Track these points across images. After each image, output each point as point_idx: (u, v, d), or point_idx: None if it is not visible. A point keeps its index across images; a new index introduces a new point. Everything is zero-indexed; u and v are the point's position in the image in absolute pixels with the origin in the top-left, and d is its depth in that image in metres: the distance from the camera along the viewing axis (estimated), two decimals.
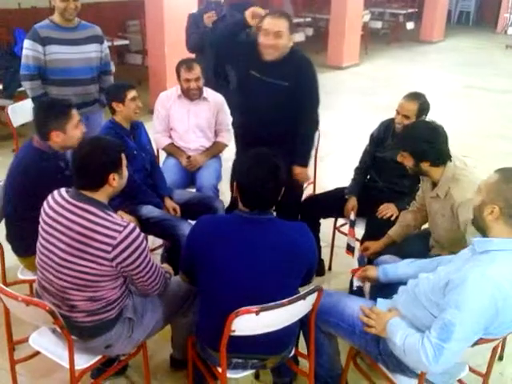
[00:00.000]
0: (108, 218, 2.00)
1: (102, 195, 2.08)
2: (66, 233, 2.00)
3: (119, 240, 1.97)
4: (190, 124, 3.72)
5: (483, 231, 1.93)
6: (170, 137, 3.79)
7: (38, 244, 2.12)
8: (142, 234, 2.07)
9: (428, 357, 1.85)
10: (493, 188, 1.87)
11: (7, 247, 2.75)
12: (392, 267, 2.45)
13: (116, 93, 3.07)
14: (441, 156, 2.54)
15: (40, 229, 2.11)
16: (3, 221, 2.73)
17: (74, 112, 2.63)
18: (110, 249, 1.96)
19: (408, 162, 2.60)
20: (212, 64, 4.45)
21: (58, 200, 2.08)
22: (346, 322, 2.22)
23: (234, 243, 2.04)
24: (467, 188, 2.42)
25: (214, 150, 3.80)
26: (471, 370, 2.35)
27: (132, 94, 3.06)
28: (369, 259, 2.89)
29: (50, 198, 2.12)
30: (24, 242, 2.60)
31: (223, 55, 3.35)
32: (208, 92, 3.76)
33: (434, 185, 2.63)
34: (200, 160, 3.69)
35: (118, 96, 3.04)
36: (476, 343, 1.88)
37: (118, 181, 2.10)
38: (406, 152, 2.58)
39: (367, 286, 2.65)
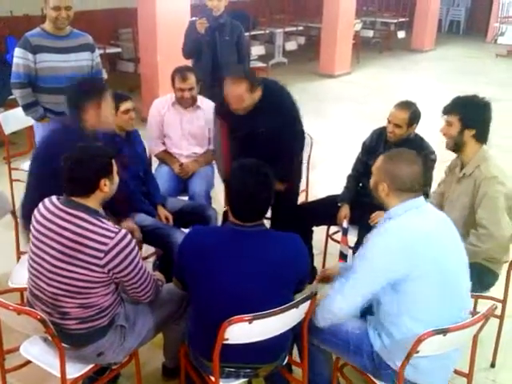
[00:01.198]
0: (99, 224, 2.00)
1: (93, 201, 2.07)
2: (58, 239, 1.99)
3: (111, 246, 1.97)
4: (183, 131, 3.73)
5: (385, 207, 2.18)
6: (164, 144, 3.79)
7: (28, 252, 2.11)
8: (134, 241, 2.06)
9: (331, 296, 2.10)
10: (380, 168, 2.16)
11: None
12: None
13: None
14: (485, 130, 2.65)
15: (31, 236, 2.10)
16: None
17: (109, 96, 2.72)
18: (101, 255, 1.96)
19: (453, 129, 2.66)
20: (208, 70, 4.49)
21: (48, 207, 2.07)
22: (340, 339, 2.22)
23: (225, 255, 2.03)
24: (495, 167, 2.62)
25: (207, 158, 3.80)
26: (457, 372, 2.36)
27: (125, 106, 3.05)
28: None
29: (40, 205, 2.11)
30: None
31: None
32: (202, 100, 3.77)
33: (462, 168, 2.71)
34: (192, 167, 3.69)
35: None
36: None
37: (109, 186, 2.10)
38: (457, 116, 2.64)
39: (350, 252, 3.08)
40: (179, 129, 3.73)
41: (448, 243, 2.10)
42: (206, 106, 3.75)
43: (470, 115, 2.63)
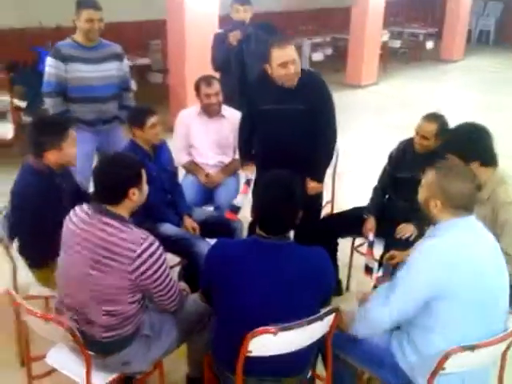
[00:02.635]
0: (128, 231, 2.04)
1: (122, 209, 2.11)
2: (87, 246, 2.03)
3: (139, 252, 1.99)
4: (209, 141, 3.76)
5: (433, 222, 2.14)
6: (189, 154, 3.83)
7: (59, 259, 2.15)
8: (162, 248, 2.08)
9: (377, 307, 2.06)
10: (433, 184, 2.09)
11: (19, 264, 2.76)
12: None
13: (136, 118, 3.08)
14: (489, 155, 2.53)
15: (62, 243, 2.14)
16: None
17: (71, 130, 2.66)
18: (129, 261, 1.99)
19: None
20: (237, 83, 4.50)
21: (79, 214, 2.11)
22: (365, 352, 2.19)
23: (249, 267, 2.02)
24: None
25: (232, 167, 3.82)
26: None
27: (152, 120, 3.05)
28: (394, 268, 2.85)
29: (71, 212, 2.16)
30: (37, 253, 2.65)
31: None
32: (226, 109, 3.81)
33: (478, 190, 2.57)
34: (218, 177, 3.71)
35: (138, 121, 3.05)
36: None
37: (137, 195, 2.14)
38: (454, 155, 2.52)
39: (376, 265, 3.07)
40: (205, 138, 3.76)
41: (490, 263, 2.04)
42: (231, 114, 3.79)
43: (466, 151, 2.50)
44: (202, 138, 3.76)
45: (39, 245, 2.60)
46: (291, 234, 2.22)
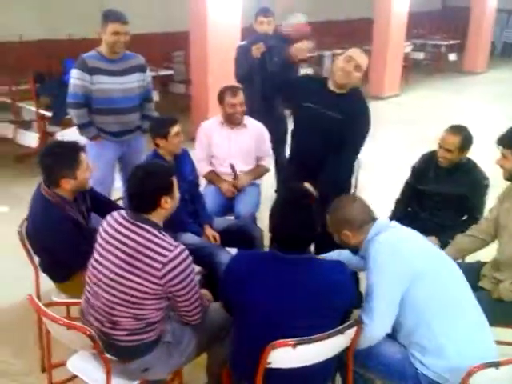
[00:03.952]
0: (161, 237, 2.07)
1: (156, 217, 2.15)
2: (121, 248, 2.07)
3: (169, 258, 2.02)
4: (231, 151, 3.78)
5: (356, 248, 2.31)
6: (211, 164, 3.85)
7: (91, 259, 2.19)
8: (191, 258, 2.10)
9: (365, 322, 2.08)
10: (332, 223, 2.31)
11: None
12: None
13: (159, 128, 3.08)
14: None
15: (96, 244, 2.18)
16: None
17: (83, 154, 2.60)
18: (160, 266, 2.01)
19: (509, 162, 2.57)
20: (260, 93, 4.45)
21: (116, 217, 2.17)
22: (383, 364, 2.17)
23: (268, 282, 2.01)
24: None
25: (257, 172, 3.87)
26: None
27: (175, 129, 3.08)
28: None
29: (109, 216, 2.21)
30: (56, 273, 2.70)
31: (287, 99, 3.53)
32: (248, 120, 3.83)
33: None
34: (245, 180, 3.73)
35: (161, 132, 3.06)
36: None
37: (170, 203, 2.18)
38: (510, 151, 2.55)
39: None
40: (227, 148, 3.78)
41: (435, 254, 2.22)
42: (253, 125, 3.82)
43: None
44: (224, 148, 3.78)
45: (58, 266, 2.65)
46: (311, 246, 2.21)
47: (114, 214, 2.20)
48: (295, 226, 2.00)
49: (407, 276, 2.07)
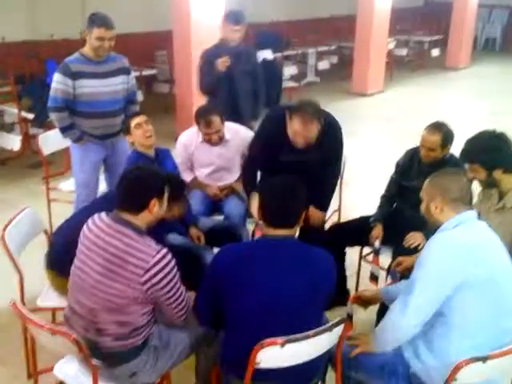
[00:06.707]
0: (143, 242, 2.05)
1: (139, 220, 2.12)
2: (102, 254, 2.04)
3: (152, 264, 2.00)
4: (214, 166, 3.69)
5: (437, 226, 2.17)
6: (194, 173, 3.75)
7: (73, 266, 2.16)
8: (174, 260, 2.08)
9: (396, 313, 2.04)
10: (428, 187, 2.21)
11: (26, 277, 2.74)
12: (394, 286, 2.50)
13: (123, 125, 3.15)
14: None
15: (78, 251, 2.15)
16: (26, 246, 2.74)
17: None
18: (141, 272, 1.99)
19: (480, 174, 2.56)
20: (226, 102, 4.24)
21: (97, 223, 2.13)
22: (374, 363, 2.17)
23: (259, 265, 2.03)
24: None
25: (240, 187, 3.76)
26: None
27: (135, 121, 3.07)
28: (401, 275, 2.82)
29: (90, 220, 2.17)
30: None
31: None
32: (229, 129, 3.64)
33: (501, 197, 2.58)
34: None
35: (124, 128, 3.13)
36: None
37: (157, 208, 2.15)
38: (476, 165, 2.54)
39: (383, 274, 3.12)
40: (210, 165, 3.68)
41: (502, 262, 2.07)
42: (234, 134, 3.66)
43: (490, 160, 2.50)
44: (208, 165, 3.68)
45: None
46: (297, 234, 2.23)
47: (95, 217, 2.17)
48: (284, 197, 2.05)
49: (457, 282, 1.97)
